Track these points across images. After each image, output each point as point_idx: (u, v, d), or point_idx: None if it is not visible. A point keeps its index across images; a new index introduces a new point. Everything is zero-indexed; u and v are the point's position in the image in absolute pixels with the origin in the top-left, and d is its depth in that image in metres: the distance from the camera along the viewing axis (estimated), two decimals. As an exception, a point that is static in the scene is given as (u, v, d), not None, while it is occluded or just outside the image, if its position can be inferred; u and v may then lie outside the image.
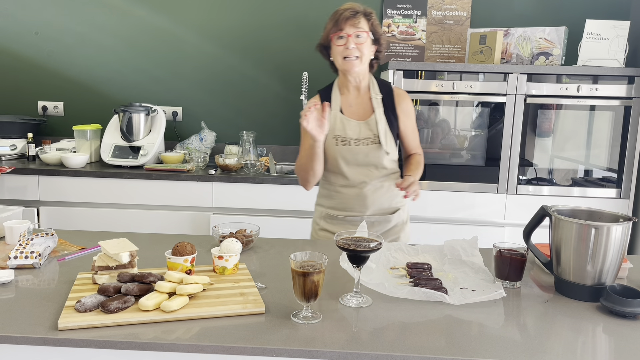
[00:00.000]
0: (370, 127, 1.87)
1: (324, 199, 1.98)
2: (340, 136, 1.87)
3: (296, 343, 1.06)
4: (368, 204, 1.90)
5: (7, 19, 3.34)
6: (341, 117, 1.89)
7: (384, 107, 1.90)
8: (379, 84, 1.93)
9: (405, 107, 1.93)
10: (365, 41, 1.79)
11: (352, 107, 1.91)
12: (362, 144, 1.86)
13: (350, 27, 1.77)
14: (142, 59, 3.36)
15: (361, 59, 1.80)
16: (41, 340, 1.07)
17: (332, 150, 1.88)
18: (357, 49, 1.78)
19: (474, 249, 1.54)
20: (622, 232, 1.28)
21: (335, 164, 1.89)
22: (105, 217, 2.87)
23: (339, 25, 1.78)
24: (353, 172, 1.88)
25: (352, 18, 1.77)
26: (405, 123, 1.93)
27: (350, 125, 1.88)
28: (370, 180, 1.89)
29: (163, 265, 1.47)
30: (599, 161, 2.86)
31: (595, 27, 2.80)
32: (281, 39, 3.31)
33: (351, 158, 1.87)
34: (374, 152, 1.86)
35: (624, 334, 1.14)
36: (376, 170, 1.89)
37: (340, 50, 1.80)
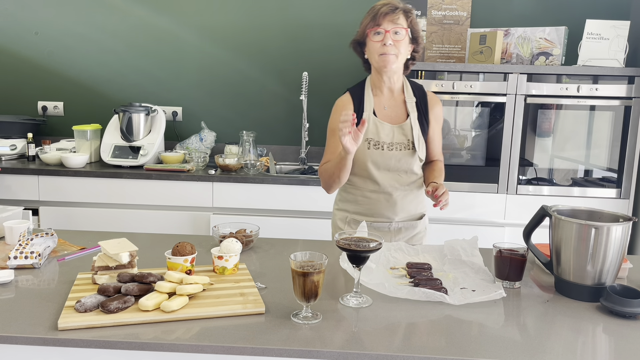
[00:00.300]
0: (404, 131, 1.80)
1: (349, 204, 1.89)
2: (372, 139, 1.80)
3: (296, 343, 1.06)
4: (397, 210, 1.84)
5: (7, 19, 3.34)
6: (374, 119, 1.81)
7: (418, 111, 1.83)
8: (412, 87, 1.87)
9: (436, 112, 1.88)
10: (403, 38, 1.72)
11: (386, 109, 1.83)
12: (395, 149, 1.79)
13: (388, 23, 1.70)
14: (142, 59, 3.36)
15: (398, 57, 1.72)
16: (41, 340, 1.07)
17: (362, 153, 1.79)
18: (395, 46, 1.70)
19: (474, 249, 1.54)
20: (622, 232, 1.28)
21: (364, 167, 1.81)
22: (105, 217, 2.87)
23: (376, 20, 1.71)
24: (383, 177, 1.81)
25: (390, 14, 1.70)
26: (434, 129, 1.87)
27: (384, 129, 1.80)
28: (401, 185, 1.83)
29: (163, 265, 1.47)
30: (599, 161, 2.86)
31: (595, 27, 2.80)
32: (281, 39, 3.31)
33: (382, 163, 1.80)
34: (407, 158, 1.80)
35: (624, 334, 1.14)
36: (406, 176, 1.83)
37: (376, 46, 1.72)
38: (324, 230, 2.79)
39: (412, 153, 1.80)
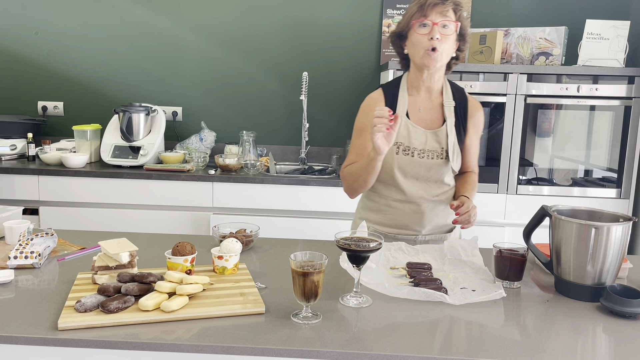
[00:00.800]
0: (438, 138, 1.65)
1: (371, 213, 1.75)
2: (402, 144, 1.64)
3: (296, 343, 1.06)
4: (425, 222, 1.70)
5: (7, 19, 3.34)
6: (406, 122, 1.65)
7: (456, 117, 1.67)
8: (452, 89, 1.70)
9: (477, 120, 1.71)
10: (451, 33, 1.56)
11: (421, 111, 1.68)
12: (426, 156, 1.64)
13: (437, 15, 1.53)
14: (142, 59, 3.36)
15: (444, 54, 1.57)
16: (41, 340, 1.07)
17: (390, 158, 1.64)
18: (442, 41, 1.54)
19: (474, 249, 1.54)
20: (622, 232, 1.28)
21: (390, 174, 1.66)
22: (105, 217, 2.87)
23: (424, 11, 1.54)
24: (410, 185, 1.67)
25: (440, 5, 1.54)
26: (471, 138, 1.71)
27: (416, 134, 1.65)
28: (430, 196, 1.68)
29: (163, 265, 1.47)
30: (599, 161, 2.86)
31: (595, 27, 2.80)
32: (281, 39, 3.31)
33: (410, 170, 1.65)
34: (438, 168, 1.65)
35: (624, 334, 1.14)
36: (436, 186, 1.68)
37: (421, 40, 1.55)
38: (324, 230, 2.79)
39: (444, 163, 1.65)
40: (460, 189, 1.73)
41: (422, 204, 1.69)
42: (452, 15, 1.56)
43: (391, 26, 3.24)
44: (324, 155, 3.39)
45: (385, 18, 3.24)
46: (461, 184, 1.75)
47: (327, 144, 3.40)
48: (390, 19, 3.24)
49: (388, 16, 3.24)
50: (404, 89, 1.69)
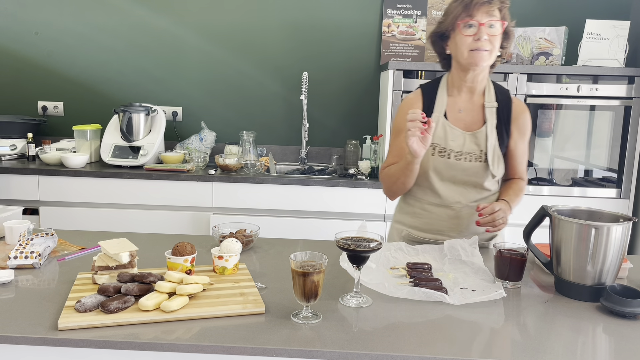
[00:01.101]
0: (477, 140, 1.60)
1: (406, 217, 1.71)
2: (438, 145, 1.60)
3: (296, 343, 1.06)
4: (461, 228, 1.64)
5: (7, 19, 3.34)
6: (444, 122, 1.61)
7: (498, 119, 1.61)
8: (495, 90, 1.64)
9: (522, 123, 1.64)
10: (498, 33, 1.52)
11: (461, 112, 1.63)
12: (464, 159, 1.59)
13: (483, 15, 1.49)
14: (142, 59, 3.36)
15: (491, 53, 1.53)
16: (41, 340, 1.07)
17: (425, 160, 1.60)
18: (489, 41, 1.51)
19: (474, 249, 1.54)
20: (622, 232, 1.28)
21: (425, 176, 1.62)
22: (105, 217, 2.87)
23: (469, 10, 1.50)
24: (446, 189, 1.62)
25: (486, 4, 1.49)
26: (516, 142, 1.64)
27: (453, 135, 1.60)
28: (467, 201, 1.63)
29: (163, 265, 1.47)
30: (599, 161, 2.86)
31: (595, 27, 2.80)
32: (281, 39, 3.31)
33: (447, 173, 1.61)
34: (477, 171, 1.60)
35: (624, 334, 1.14)
36: (474, 191, 1.63)
37: (467, 41, 1.51)
38: (324, 230, 2.79)
39: (484, 166, 1.59)
40: (502, 195, 1.66)
41: (459, 209, 1.64)
42: (498, 14, 1.53)
43: (391, 26, 3.24)
44: (324, 155, 3.39)
45: (385, 18, 3.24)
46: (504, 189, 1.69)
47: (327, 144, 3.40)
48: (390, 19, 3.24)
49: (388, 16, 3.24)
50: (444, 89, 1.65)
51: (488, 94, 1.63)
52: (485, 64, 1.54)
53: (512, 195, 1.64)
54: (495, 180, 1.66)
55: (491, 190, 1.66)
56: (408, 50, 3.25)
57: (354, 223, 2.70)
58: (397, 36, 3.24)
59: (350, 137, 3.35)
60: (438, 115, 1.62)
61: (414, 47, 3.24)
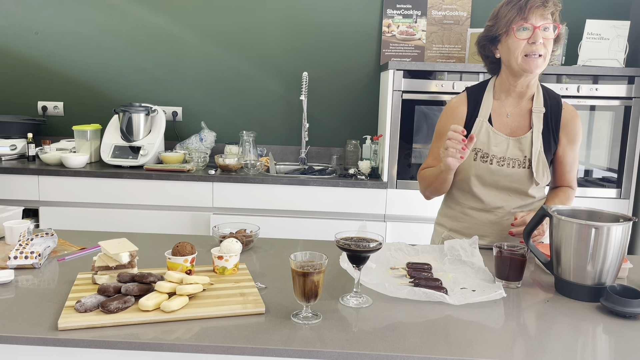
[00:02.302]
0: (521, 146, 1.56)
1: (448, 220, 1.70)
2: (481, 150, 1.57)
3: (296, 343, 1.06)
4: (504, 233, 1.61)
5: (7, 19, 3.34)
6: (487, 127, 1.58)
7: (545, 125, 1.57)
8: (545, 95, 1.60)
9: (571, 129, 1.59)
10: (552, 36, 1.48)
11: (508, 117, 1.59)
12: (506, 165, 1.56)
13: (538, 18, 1.46)
14: (142, 59, 3.36)
15: (545, 58, 1.49)
16: (41, 340, 1.07)
17: (467, 165, 1.58)
18: (544, 46, 1.47)
19: (473, 249, 1.54)
20: (622, 232, 1.28)
21: (466, 182, 1.61)
22: (105, 217, 2.87)
23: (524, 13, 1.46)
24: (488, 194, 1.60)
25: (542, 7, 1.46)
26: (565, 149, 1.60)
27: (496, 140, 1.57)
28: (510, 207, 1.60)
29: (163, 265, 1.47)
30: (599, 161, 2.86)
31: (595, 27, 2.80)
32: (281, 39, 3.31)
33: (489, 179, 1.58)
34: (520, 178, 1.56)
35: (624, 334, 1.14)
36: (518, 198, 1.60)
37: (521, 45, 1.47)
38: (324, 230, 2.80)
39: (527, 173, 1.55)
40: (547, 203, 1.62)
41: (501, 215, 1.61)
42: (551, 17, 1.49)
43: (391, 26, 3.24)
44: (324, 155, 3.39)
45: (385, 18, 3.24)
46: (550, 197, 1.65)
47: (327, 144, 3.40)
48: (390, 19, 3.24)
49: (388, 16, 3.24)
50: (490, 93, 1.61)
51: (537, 99, 1.59)
52: (539, 70, 1.50)
53: (558, 204, 1.57)
54: (541, 187, 1.61)
55: (535, 198, 1.62)
56: (408, 50, 3.25)
57: (354, 223, 2.71)
58: (397, 36, 3.24)
59: (350, 137, 3.35)
60: (482, 120, 1.59)
61: (414, 47, 3.24)
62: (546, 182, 1.61)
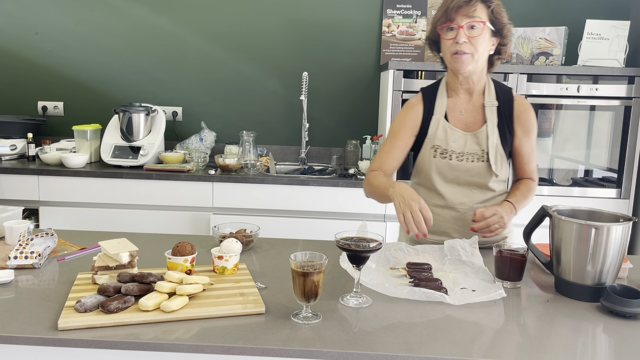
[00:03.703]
0: (478, 140, 1.59)
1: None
2: (440, 147, 1.60)
3: (296, 343, 1.06)
4: (467, 229, 1.62)
5: (7, 19, 3.34)
6: (444, 124, 1.61)
7: (499, 118, 1.60)
8: (496, 89, 1.62)
9: (525, 120, 1.61)
10: (480, 34, 1.48)
11: (462, 114, 1.62)
12: (465, 159, 1.58)
13: (462, 18, 1.47)
14: (142, 59, 3.36)
15: (474, 56, 1.50)
16: (41, 340, 1.07)
17: (428, 162, 1.62)
18: (470, 44, 1.49)
19: (474, 249, 1.54)
20: (622, 232, 1.28)
21: (429, 179, 1.63)
22: (105, 217, 2.87)
23: (448, 14, 1.49)
24: (450, 191, 1.61)
25: (465, 6, 1.47)
26: (521, 140, 1.62)
27: (454, 136, 1.60)
28: (472, 202, 1.62)
29: (163, 265, 1.47)
30: (599, 161, 2.86)
31: (595, 27, 2.80)
32: (281, 39, 3.31)
33: (450, 175, 1.60)
34: (479, 172, 1.59)
35: (624, 334, 1.14)
36: (479, 192, 1.61)
37: (448, 44, 1.52)
38: (324, 230, 2.79)
39: (486, 166, 1.58)
40: (509, 196, 1.64)
41: (464, 211, 1.62)
42: (482, 13, 1.49)
43: (391, 26, 3.24)
44: (324, 155, 3.39)
45: (385, 18, 3.24)
46: (512, 190, 1.67)
47: (327, 144, 3.40)
48: (390, 19, 3.24)
49: (388, 16, 3.24)
50: (443, 91, 1.65)
51: (488, 94, 1.62)
52: (469, 67, 1.52)
53: (518, 196, 1.61)
54: (501, 180, 1.63)
55: (496, 191, 1.64)
56: (408, 50, 3.25)
57: (354, 223, 2.71)
58: (397, 36, 3.24)
59: (350, 137, 3.35)
60: (438, 118, 1.62)
61: (414, 47, 3.24)
62: (505, 174, 1.63)
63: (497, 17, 1.52)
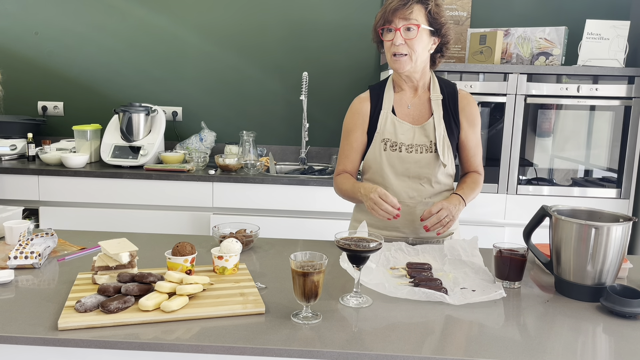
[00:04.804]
0: (426, 132, 1.63)
1: (363, 214, 1.72)
2: (389, 140, 1.64)
3: (296, 343, 1.06)
4: (416, 224, 1.65)
5: (7, 19, 3.34)
6: (392, 118, 1.65)
7: (444, 110, 1.64)
8: (440, 84, 1.68)
9: (469, 113, 1.66)
10: (415, 36, 1.52)
11: (409, 108, 1.67)
12: (414, 151, 1.62)
13: (399, 20, 1.52)
14: (142, 59, 3.36)
15: (411, 57, 1.55)
16: (41, 340, 1.07)
17: (378, 156, 1.65)
18: (407, 45, 1.53)
19: (474, 249, 1.54)
20: (622, 232, 1.28)
21: (380, 173, 1.66)
22: (105, 217, 2.87)
23: (386, 16, 1.54)
24: (401, 185, 1.64)
25: (401, 9, 1.51)
26: (467, 133, 1.66)
27: (402, 129, 1.64)
28: (422, 197, 1.65)
29: (163, 265, 1.47)
30: (599, 161, 2.86)
31: (595, 27, 2.80)
32: (281, 39, 3.31)
33: (400, 167, 1.63)
34: (428, 162, 1.62)
35: (624, 334, 1.14)
36: (429, 186, 1.65)
37: (388, 46, 1.57)
38: (324, 230, 2.79)
39: (434, 157, 1.62)
40: (457, 189, 1.68)
41: (414, 205, 1.66)
42: (419, 14, 1.53)
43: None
44: (324, 155, 3.39)
45: (385, 18, 3.24)
46: (459, 184, 1.71)
47: (327, 144, 3.40)
48: (390, 19, 3.23)
49: (388, 16, 3.23)
50: (390, 87, 1.70)
51: (433, 88, 1.66)
52: (407, 67, 1.57)
53: (466, 189, 1.66)
54: (448, 173, 1.67)
55: (443, 184, 1.67)
56: (408, 50, 3.24)
57: (354, 223, 2.70)
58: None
59: (350, 137, 3.35)
60: (386, 112, 1.66)
61: (414, 47, 3.24)
62: (452, 165, 1.66)
63: (435, 18, 1.55)
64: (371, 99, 1.71)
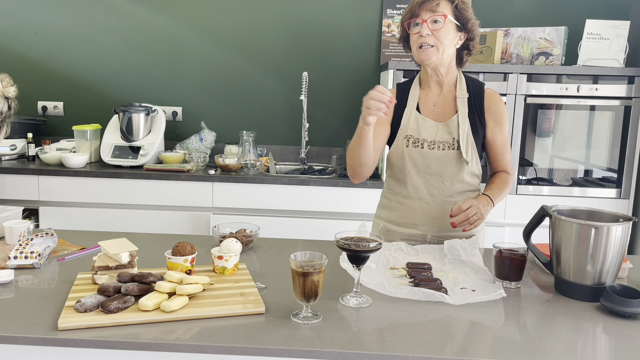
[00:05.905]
0: (449, 129, 1.62)
1: (384, 211, 1.74)
2: (412, 137, 1.64)
3: (296, 343, 1.06)
4: (435, 221, 1.64)
5: (7, 19, 3.34)
6: (416, 115, 1.65)
7: (470, 108, 1.64)
8: (467, 82, 1.67)
9: (496, 112, 1.64)
10: (442, 27, 1.54)
11: (435, 106, 1.67)
12: (437, 147, 1.61)
13: (426, 12, 1.55)
14: (142, 59, 3.36)
15: (438, 48, 1.56)
16: (41, 340, 1.07)
17: (401, 152, 1.65)
18: (434, 36, 1.55)
19: (474, 249, 1.54)
20: (622, 232, 1.28)
21: (402, 169, 1.66)
22: (105, 217, 2.87)
23: (413, 11, 1.58)
24: (422, 181, 1.64)
25: (428, 2, 1.55)
26: (493, 132, 1.65)
27: (425, 126, 1.64)
28: (443, 195, 1.64)
29: (163, 265, 1.47)
30: (599, 161, 2.86)
31: (595, 27, 2.80)
32: (281, 39, 3.31)
33: (422, 164, 1.63)
34: (451, 160, 1.61)
35: (624, 334, 1.14)
36: (451, 184, 1.63)
37: (415, 39, 1.59)
38: (324, 230, 2.80)
39: (457, 154, 1.60)
40: (485, 189, 1.66)
41: (433, 203, 1.65)
42: (446, 8, 1.56)
43: (391, 26, 3.24)
44: (324, 155, 3.39)
45: (385, 18, 3.24)
46: (487, 184, 1.69)
47: (327, 144, 3.40)
48: (390, 19, 3.24)
49: (388, 16, 3.24)
50: (416, 84, 1.71)
51: (459, 86, 1.66)
52: (433, 58, 1.58)
53: (494, 189, 1.64)
54: (473, 173, 1.65)
55: (465, 183, 1.65)
56: (408, 50, 3.24)
57: (354, 223, 2.71)
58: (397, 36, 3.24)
59: (350, 137, 3.35)
60: (410, 109, 1.67)
61: (414, 47, 3.24)
62: (476, 164, 1.65)
63: (461, 12, 1.58)
64: (397, 95, 1.72)
